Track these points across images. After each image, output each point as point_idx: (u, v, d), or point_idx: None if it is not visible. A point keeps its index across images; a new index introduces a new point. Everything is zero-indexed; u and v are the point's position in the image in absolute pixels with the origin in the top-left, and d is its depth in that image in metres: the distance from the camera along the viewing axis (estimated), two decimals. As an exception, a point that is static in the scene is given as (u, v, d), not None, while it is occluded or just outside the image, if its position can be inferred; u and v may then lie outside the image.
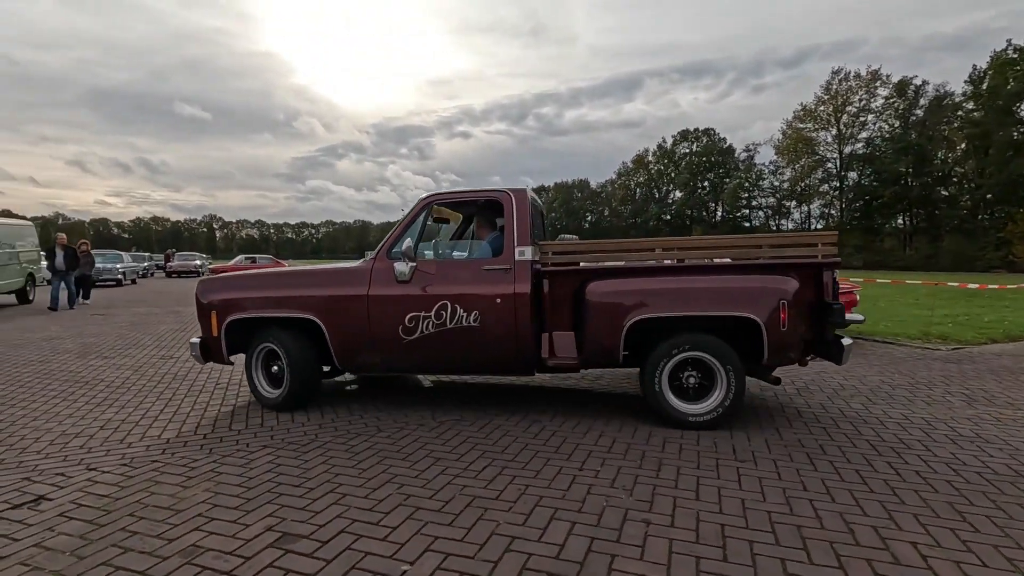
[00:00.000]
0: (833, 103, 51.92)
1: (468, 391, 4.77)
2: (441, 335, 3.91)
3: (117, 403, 4.38)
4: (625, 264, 3.96)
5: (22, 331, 8.77)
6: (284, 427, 3.75)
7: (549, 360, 3.89)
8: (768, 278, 3.60)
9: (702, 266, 3.85)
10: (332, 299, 4.09)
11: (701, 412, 3.64)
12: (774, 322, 3.47)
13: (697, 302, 3.60)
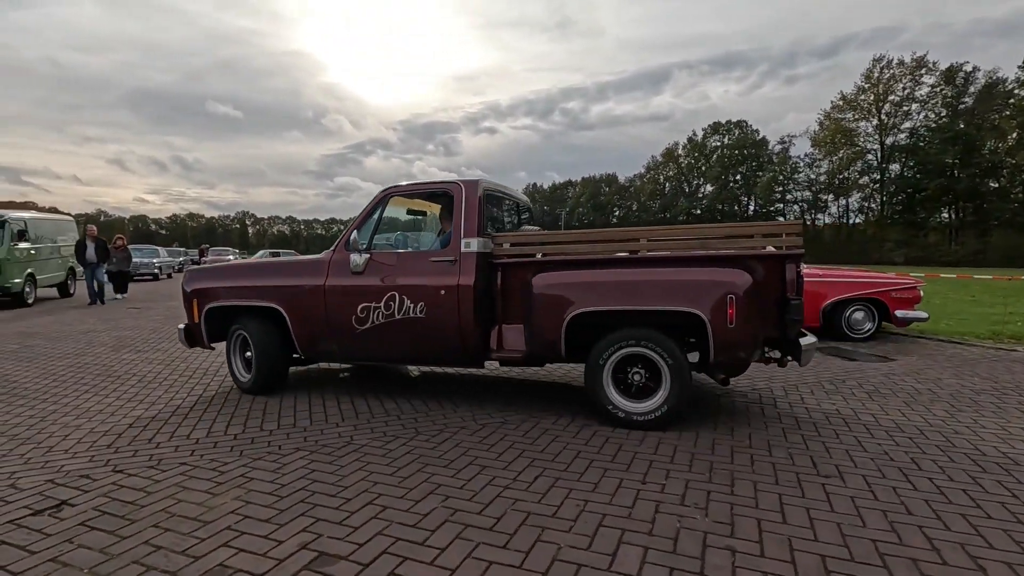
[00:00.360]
0: (874, 92, 49.93)
1: (509, 389, 4.50)
2: (390, 325, 3.97)
3: (147, 399, 4.24)
4: (572, 256, 3.83)
5: (61, 324, 8.86)
6: (317, 428, 3.53)
7: (494, 353, 3.84)
8: (716, 271, 3.35)
9: (654, 258, 3.64)
10: (293, 289, 4.26)
11: (645, 411, 3.46)
12: (720, 318, 3.22)
13: (639, 296, 3.41)
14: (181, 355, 6.09)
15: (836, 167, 54.05)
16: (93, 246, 12.35)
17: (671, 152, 78.48)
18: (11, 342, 7.06)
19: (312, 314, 4.19)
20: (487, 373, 5.10)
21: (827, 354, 6.15)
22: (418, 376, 5.12)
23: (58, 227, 13.94)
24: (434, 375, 5.12)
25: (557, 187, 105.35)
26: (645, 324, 3.48)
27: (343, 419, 3.72)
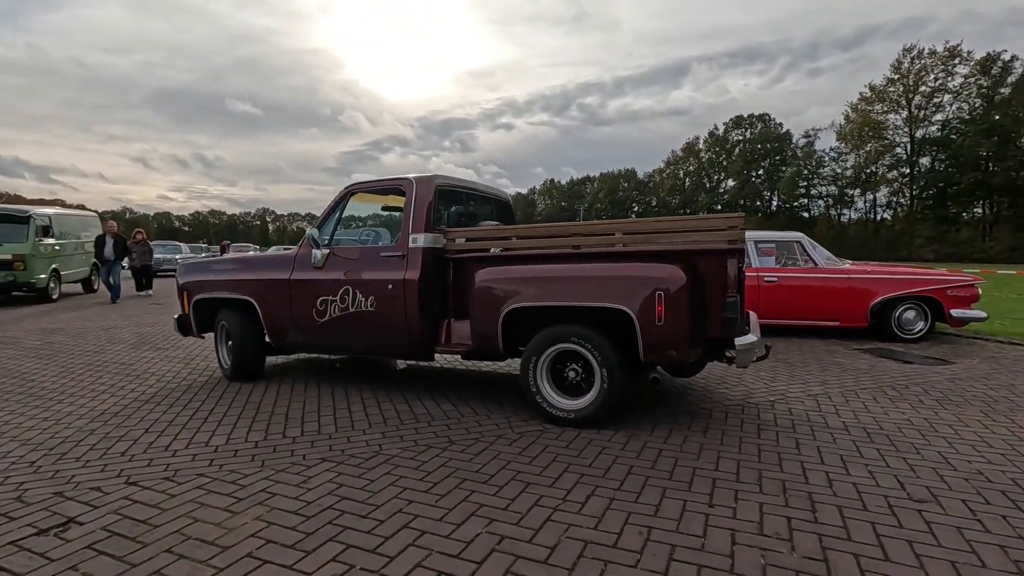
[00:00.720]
0: (904, 83, 48.39)
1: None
2: (345, 318, 4.10)
3: (165, 400, 4.05)
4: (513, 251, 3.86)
5: (84, 320, 8.81)
6: (343, 435, 3.28)
7: (439, 346, 3.91)
8: (648, 267, 3.25)
9: (594, 254, 3.58)
10: (263, 282, 4.50)
11: (576, 408, 3.40)
12: (648, 315, 3.13)
13: (569, 292, 3.36)
14: (201, 354, 5.92)
15: (863, 161, 52.57)
16: (112, 242, 12.07)
17: (691, 146, 77.28)
18: (34, 338, 6.98)
19: (279, 306, 4.40)
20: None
21: (878, 356, 5.75)
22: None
23: (82, 223, 14.00)
24: (458, 376, 4.85)
25: (575, 183, 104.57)
26: (579, 321, 3.41)
27: (370, 425, 3.47)
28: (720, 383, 4.56)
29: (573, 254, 3.65)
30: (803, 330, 7.23)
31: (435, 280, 3.93)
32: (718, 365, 5.16)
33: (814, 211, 61.48)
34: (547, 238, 3.87)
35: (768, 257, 6.97)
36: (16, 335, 7.26)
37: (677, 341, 3.14)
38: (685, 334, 3.13)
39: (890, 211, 52.62)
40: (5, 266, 10.68)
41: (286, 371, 5.02)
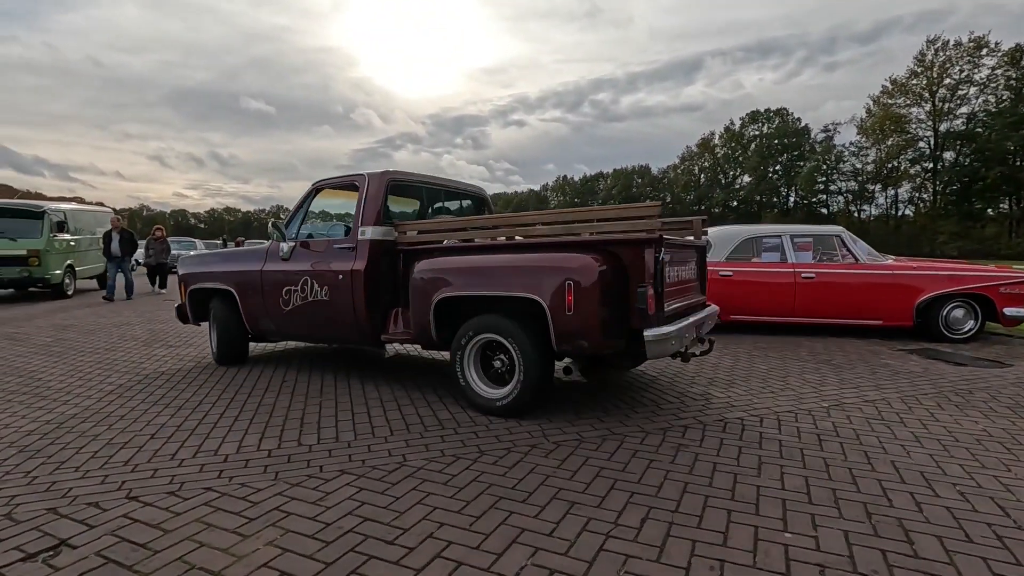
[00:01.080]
0: (927, 75, 47.09)
1: (577, 396, 3.91)
2: (305, 307, 4.37)
3: (174, 403, 3.81)
4: (451, 243, 3.99)
5: (97, 316, 8.68)
6: (363, 443, 3.02)
7: (385, 334, 4.07)
8: (558, 256, 3.27)
9: (522, 245, 3.61)
10: (240, 273, 4.86)
11: (498, 397, 3.47)
12: (559, 305, 3.16)
13: (488, 282, 3.45)
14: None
15: (884, 156, 51.36)
16: (119, 238, 11.31)
17: (707, 142, 76.24)
18: (46, 335, 6.83)
19: (253, 296, 4.75)
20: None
21: (927, 357, 5.37)
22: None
23: (97, 219, 13.95)
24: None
25: (588, 179, 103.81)
26: (500, 311, 3.48)
27: (391, 432, 3.20)
28: (764, 386, 4.23)
29: (507, 245, 3.70)
30: (840, 329, 6.85)
31: (384, 271, 4.10)
32: (756, 370, 4.83)
33: (833, 207, 60.32)
34: (482, 229, 3.96)
35: (805, 252, 6.60)
36: (28, 332, 7.12)
37: (588, 331, 3.14)
38: (596, 324, 3.12)
39: (912, 207, 51.38)
40: (19, 262, 10.61)
41: (301, 371, 4.78)
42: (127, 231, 11.61)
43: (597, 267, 3.13)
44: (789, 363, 5.12)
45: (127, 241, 11.42)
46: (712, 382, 4.38)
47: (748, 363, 5.12)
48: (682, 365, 4.99)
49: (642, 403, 3.79)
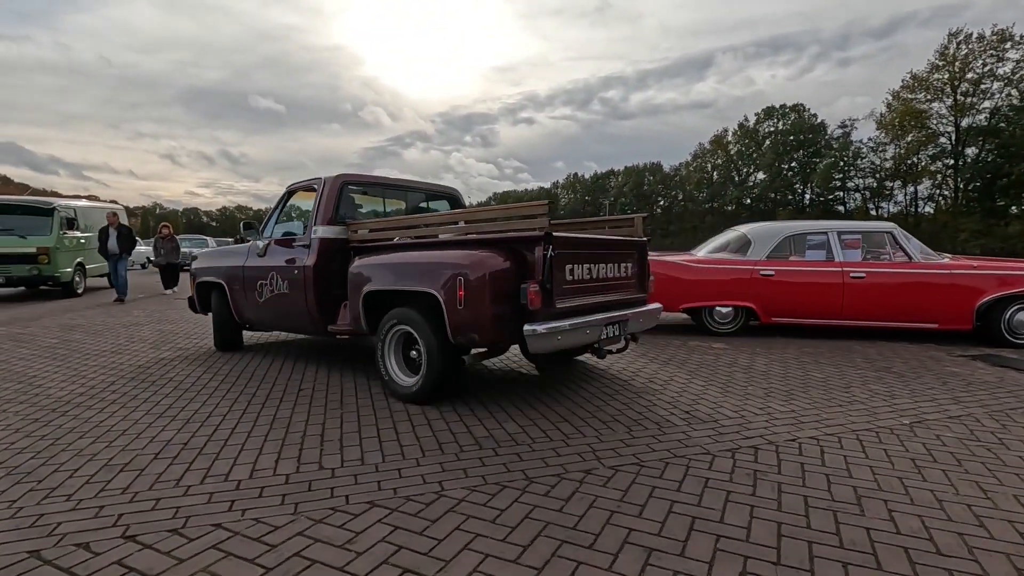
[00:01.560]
0: (949, 69, 45.97)
1: (633, 413, 3.52)
2: (272, 299, 4.78)
3: (182, 414, 3.48)
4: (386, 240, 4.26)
5: (107, 316, 8.42)
6: (393, 465, 2.66)
7: (332, 325, 4.37)
8: (453, 253, 3.51)
9: (440, 242, 3.85)
10: (228, 269, 5.35)
11: (408, 385, 3.71)
12: (451, 299, 3.35)
13: (399, 277, 3.71)
14: (225, 356, 5.38)
15: (904, 152, 50.28)
16: (116, 235, 10.54)
17: (720, 139, 75.28)
18: (52, 335, 6.56)
19: (237, 288, 5.22)
20: (595, 389, 4.15)
21: (995, 364, 4.92)
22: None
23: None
24: (514, 382, 4.19)
25: (599, 176, 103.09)
26: (412, 304, 3.70)
27: (423, 452, 2.83)
28: (827, 398, 3.82)
29: (428, 243, 3.91)
30: (888, 333, 6.41)
31: (336, 267, 4.36)
32: (812, 378, 4.41)
33: (851, 204, 59.22)
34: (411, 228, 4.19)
35: (853, 250, 6.15)
36: (35, 332, 6.86)
37: (479, 325, 3.28)
38: (487, 318, 3.25)
39: (932, 204, 50.27)
40: (29, 259, 10.40)
41: (319, 378, 4.44)
42: (125, 227, 10.90)
43: (487, 263, 3.28)
44: (846, 371, 4.70)
45: (125, 237, 10.65)
46: (769, 393, 3.97)
47: (801, 371, 4.70)
48: (732, 373, 4.59)
49: (699, 417, 3.40)
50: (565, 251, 3.50)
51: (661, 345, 5.90)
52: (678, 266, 6.42)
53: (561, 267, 3.46)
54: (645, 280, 4.41)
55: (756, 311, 6.25)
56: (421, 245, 3.90)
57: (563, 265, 3.49)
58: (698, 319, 6.53)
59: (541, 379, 4.41)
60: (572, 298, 3.55)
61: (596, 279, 3.85)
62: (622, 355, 5.29)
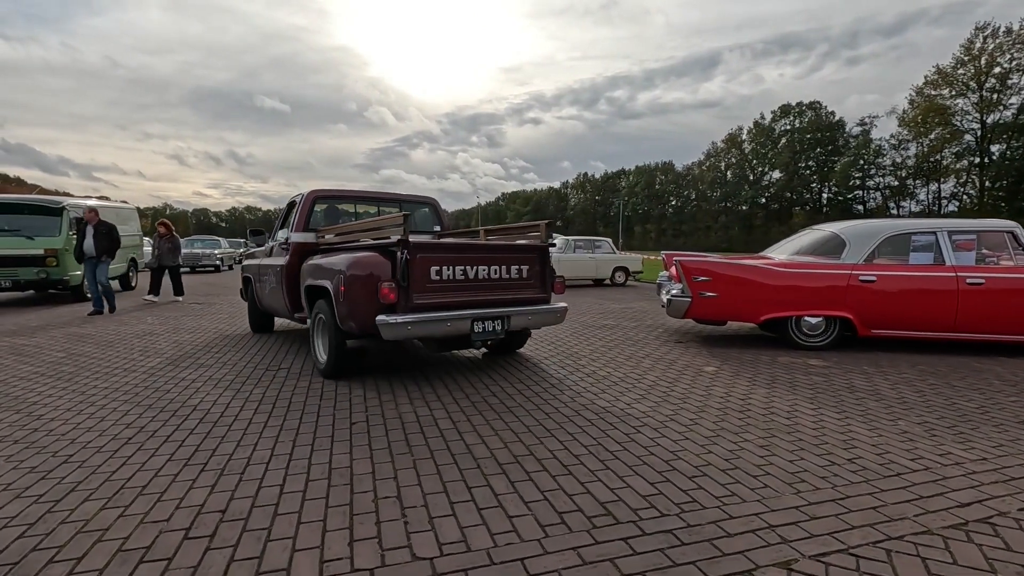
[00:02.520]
0: (975, 64, 44.78)
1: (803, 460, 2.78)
2: (270, 290, 5.85)
3: (213, 461, 2.77)
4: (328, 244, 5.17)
5: (118, 323, 7.77)
6: (511, 549, 1.92)
7: (297, 313, 5.32)
8: (345, 256, 4.30)
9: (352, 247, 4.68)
10: (252, 266, 6.61)
11: (323, 363, 4.56)
12: (337, 294, 4.15)
13: (317, 275, 4.61)
14: (254, 373, 4.69)
15: (927, 149, 49.07)
16: (92, 233, 8.70)
17: (734, 137, 74.23)
18: (59, 347, 5.90)
19: (256, 282, 6.45)
20: (717, 428, 3.41)
21: None
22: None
23: (120, 216, 13.14)
24: (612, 412, 3.46)
25: (609, 176, 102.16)
26: (324, 297, 4.52)
27: (541, 525, 2.10)
28: (981, 435, 3.06)
29: (347, 246, 4.77)
30: (1008, 348, 5.62)
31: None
32: (953, 407, 3.63)
33: (871, 203, 57.96)
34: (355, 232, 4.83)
35: (966, 252, 5.36)
36: (40, 343, 6.20)
37: (352, 315, 4.05)
38: (357, 310, 4.02)
39: (956, 203, 48.98)
40: (37, 262, 9.78)
41: (370, 401, 3.73)
42: (105, 224, 8.96)
43: (360, 264, 4.09)
44: (994, 396, 3.93)
45: (104, 237, 8.75)
46: (932, 431, 3.21)
47: (941, 397, 3.94)
48: (863, 401, 3.83)
49: (870, 468, 2.64)
50: (430, 255, 4.14)
51: (748, 361, 5.15)
52: (760, 270, 5.65)
53: (424, 268, 4.09)
54: (547, 281, 4.76)
55: (853, 322, 5.48)
56: (343, 249, 4.74)
57: (427, 267, 4.11)
58: (781, 331, 5.76)
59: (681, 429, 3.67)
60: (437, 295, 4.16)
61: (473, 280, 4.35)
62: (721, 376, 4.56)
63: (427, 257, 4.10)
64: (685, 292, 5.79)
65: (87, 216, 8.91)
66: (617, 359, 5.31)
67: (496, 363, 5.13)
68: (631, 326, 7.45)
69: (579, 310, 9.22)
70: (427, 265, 4.09)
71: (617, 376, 4.59)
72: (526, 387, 4.25)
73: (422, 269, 4.05)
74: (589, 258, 14.10)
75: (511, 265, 4.54)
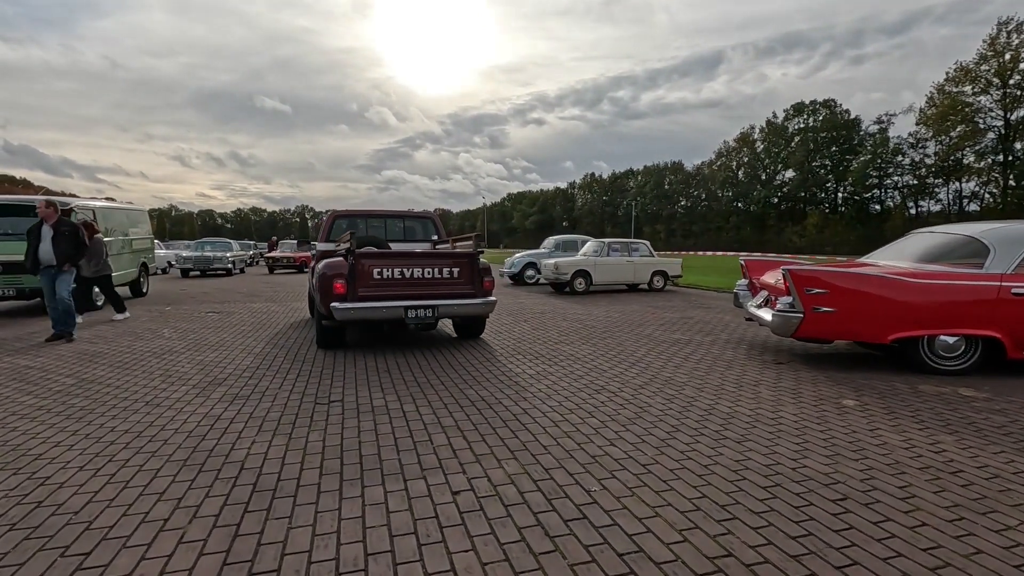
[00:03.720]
0: (999, 60, 43.67)
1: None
2: (312, 289, 6.61)
3: (272, 555, 1.96)
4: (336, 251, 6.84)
5: (132, 337, 6.99)
6: None
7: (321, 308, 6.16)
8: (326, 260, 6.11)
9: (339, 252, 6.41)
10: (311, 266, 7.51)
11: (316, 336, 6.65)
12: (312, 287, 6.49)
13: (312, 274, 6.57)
14: (303, 408, 3.88)
15: (948, 148, 47.94)
16: (51, 235, 6.78)
17: (746, 136, 73.14)
18: (67, 370, 5.12)
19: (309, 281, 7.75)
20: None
21: None
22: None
23: (130, 218, 12.42)
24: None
25: (617, 176, 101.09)
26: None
27: None
28: None
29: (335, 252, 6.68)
30: None
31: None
32: None
33: (888, 202, 56.81)
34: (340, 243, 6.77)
35: None
36: (46, 363, 5.43)
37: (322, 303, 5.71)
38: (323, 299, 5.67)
39: (978, 202, 47.85)
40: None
41: (467, 468, 2.92)
42: (68, 224, 6.97)
43: (329, 266, 5.71)
44: None
45: (67, 240, 6.82)
46: None
47: None
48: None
49: None
50: (372, 260, 5.70)
51: (883, 391, 4.31)
52: (888, 282, 4.80)
53: (368, 270, 5.65)
54: (477, 280, 6.07)
55: (1003, 343, 4.63)
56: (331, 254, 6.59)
57: (371, 269, 5.66)
58: (910, 353, 4.91)
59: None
60: (379, 289, 5.67)
61: (409, 279, 5.79)
62: (872, 415, 3.72)
63: (370, 262, 5.71)
64: (796, 306, 4.95)
65: (42, 212, 6.78)
66: (725, 387, 4.48)
67: (605, 400, 4.32)
68: (707, 341, 6.62)
69: (634, 320, 8.39)
70: (370, 268, 5.70)
71: (746, 415, 3.77)
72: (649, 435, 3.43)
73: (365, 271, 5.67)
74: (627, 262, 13.26)
75: (443, 268, 5.96)
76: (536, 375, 4.92)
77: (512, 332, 7.31)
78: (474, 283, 6.01)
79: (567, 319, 8.56)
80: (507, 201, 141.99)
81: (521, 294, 12.85)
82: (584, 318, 8.68)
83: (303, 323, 8.27)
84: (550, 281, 13.21)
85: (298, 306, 10.56)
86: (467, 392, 4.37)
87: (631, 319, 8.56)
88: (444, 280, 5.91)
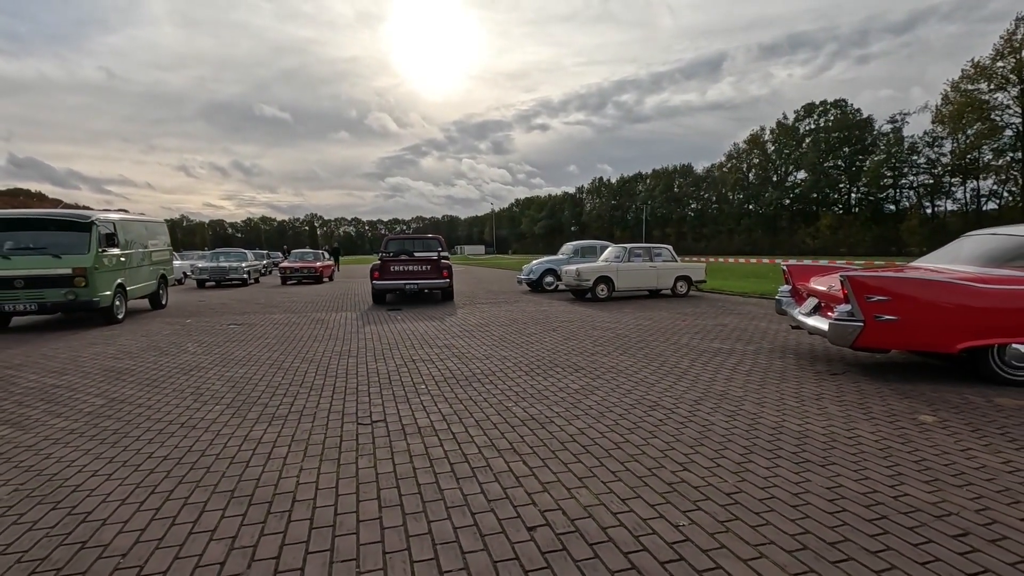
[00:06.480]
0: (1016, 57, 43.00)
1: None
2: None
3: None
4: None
5: (157, 352, 6.85)
6: None
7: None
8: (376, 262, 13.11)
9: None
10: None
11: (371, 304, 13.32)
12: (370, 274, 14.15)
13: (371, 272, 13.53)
14: (346, 429, 3.68)
15: (964, 147, 47.23)
16: None
17: (756, 138, 72.60)
18: (95, 391, 4.96)
19: None
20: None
21: None
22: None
23: (149, 230, 12.34)
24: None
25: (626, 180, 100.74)
26: None
27: None
28: None
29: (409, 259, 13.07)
30: None
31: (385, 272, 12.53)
32: None
33: (904, 202, 56.04)
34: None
35: None
36: (72, 383, 5.28)
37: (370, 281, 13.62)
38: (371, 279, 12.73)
39: (996, 201, 47.08)
40: (64, 282, 8.94)
41: (563, 507, 2.69)
42: None
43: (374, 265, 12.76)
44: None
45: None
46: None
47: None
48: None
49: None
50: (390, 261, 12.49)
51: (958, 405, 4.04)
52: (956, 288, 4.53)
53: (388, 267, 12.42)
54: (439, 270, 12.41)
55: (1082, 351, 4.34)
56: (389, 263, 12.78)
57: (390, 267, 12.42)
58: (979, 363, 4.63)
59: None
60: (394, 276, 12.37)
61: (408, 271, 12.41)
62: (955, 432, 3.46)
63: (389, 262, 12.44)
64: (855, 315, 4.69)
65: None
66: (786, 401, 4.23)
67: (666, 421, 4.08)
68: (750, 351, 6.35)
69: (666, 328, 8.13)
70: (389, 266, 12.39)
71: (820, 433, 3.52)
72: (722, 457, 3.19)
73: (387, 267, 12.39)
74: (649, 267, 12.99)
75: (423, 265, 12.45)
76: (582, 390, 4.69)
77: (544, 342, 7.08)
78: (439, 273, 12.45)
79: (596, 327, 8.32)
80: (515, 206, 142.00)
81: (543, 301, 12.62)
82: (614, 326, 8.43)
83: (324, 331, 8.09)
84: (571, 288, 12.97)
85: (319, 316, 10.40)
86: (513, 410, 4.15)
87: (662, 327, 8.30)
88: (423, 272, 12.44)
